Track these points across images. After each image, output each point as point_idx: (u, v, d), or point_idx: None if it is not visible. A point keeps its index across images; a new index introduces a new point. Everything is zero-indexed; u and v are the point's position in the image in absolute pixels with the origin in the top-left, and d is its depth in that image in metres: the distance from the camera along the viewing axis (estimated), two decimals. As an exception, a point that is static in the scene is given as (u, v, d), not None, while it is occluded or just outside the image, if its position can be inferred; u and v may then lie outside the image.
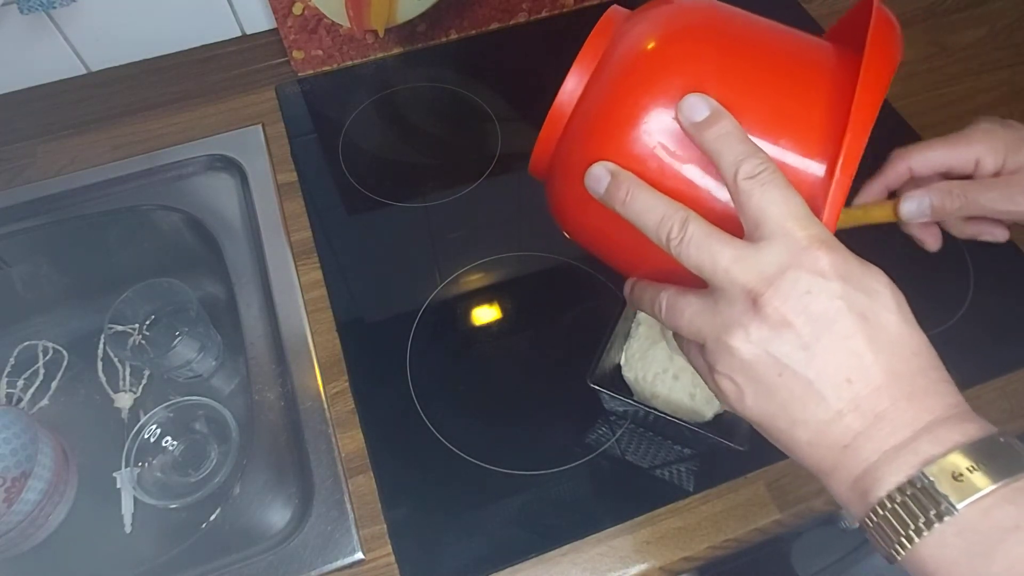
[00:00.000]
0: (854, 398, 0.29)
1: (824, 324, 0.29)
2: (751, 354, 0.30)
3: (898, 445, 0.29)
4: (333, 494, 0.53)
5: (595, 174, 0.33)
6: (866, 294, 0.30)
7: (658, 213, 0.31)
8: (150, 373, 0.72)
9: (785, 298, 0.29)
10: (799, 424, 0.30)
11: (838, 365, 0.29)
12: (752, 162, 0.30)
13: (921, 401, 0.29)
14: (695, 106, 0.31)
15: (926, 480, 0.27)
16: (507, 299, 0.63)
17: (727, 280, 0.30)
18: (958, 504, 0.26)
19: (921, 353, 0.30)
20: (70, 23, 0.70)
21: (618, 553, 0.51)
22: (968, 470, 0.27)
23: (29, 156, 0.72)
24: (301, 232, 0.67)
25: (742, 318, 0.30)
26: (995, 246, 0.63)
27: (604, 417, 0.56)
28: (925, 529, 0.27)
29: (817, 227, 0.30)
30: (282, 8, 0.72)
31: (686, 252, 0.31)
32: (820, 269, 0.29)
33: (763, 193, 0.30)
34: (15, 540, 0.57)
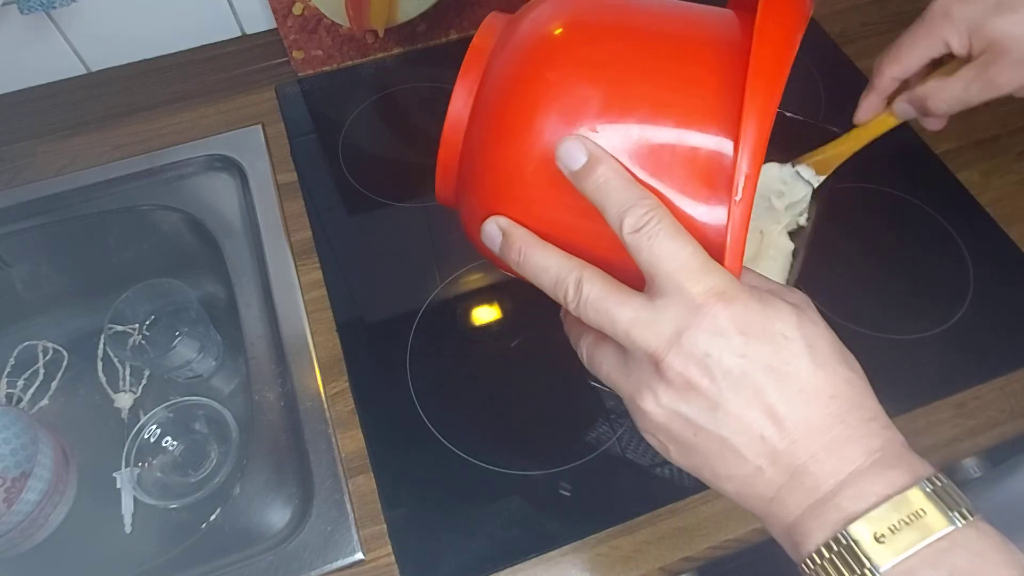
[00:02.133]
0: (771, 453, 0.29)
1: (729, 383, 0.28)
2: (663, 417, 0.30)
3: (820, 500, 0.28)
4: (333, 494, 0.53)
5: (488, 232, 0.32)
6: (772, 343, 0.28)
7: (551, 274, 0.30)
8: (150, 373, 0.72)
9: (686, 362, 0.28)
10: (723, 478, 0.30)
11: (750, 422, 0.29)
12: (636, 213, 0.28)
13: (840, 451, 0.28)
14: (571, 153, 0.29)
15: (848, 540, 0.27)
16: (507, 299, 0.63)
17: (629, 343, 0.29)
18: (880, 567, 0.26)
19: (839, 396, 0.29)
20: (70, 23, 0.70)
21: (618, 553, 0.51)
22: (890, 530, 0.26)
23: (28, 156, 0.72)
24: (301, 232, 0.67)
25: (650, 381, 0.30)
26: (995, 246, 0.64)
27: (605, 416, 0.56)
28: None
29: (714, 277, 0.28)
30: (282, 8, 0.72)
31: (584, 314, 0.30)
32: (718, 327, 0.28)
33: (651, 247, 0.28)
34: (15, 540, 0.57)
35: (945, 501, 0.27)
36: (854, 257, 0.63)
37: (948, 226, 0.64)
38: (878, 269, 0.62)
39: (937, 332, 0.59)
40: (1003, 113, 0.73)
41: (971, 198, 0.66)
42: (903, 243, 0.64)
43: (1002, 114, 0.73)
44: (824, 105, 0.74)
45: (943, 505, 0.27)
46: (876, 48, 0.80)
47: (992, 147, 0.70)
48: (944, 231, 0.64)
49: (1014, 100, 0.52)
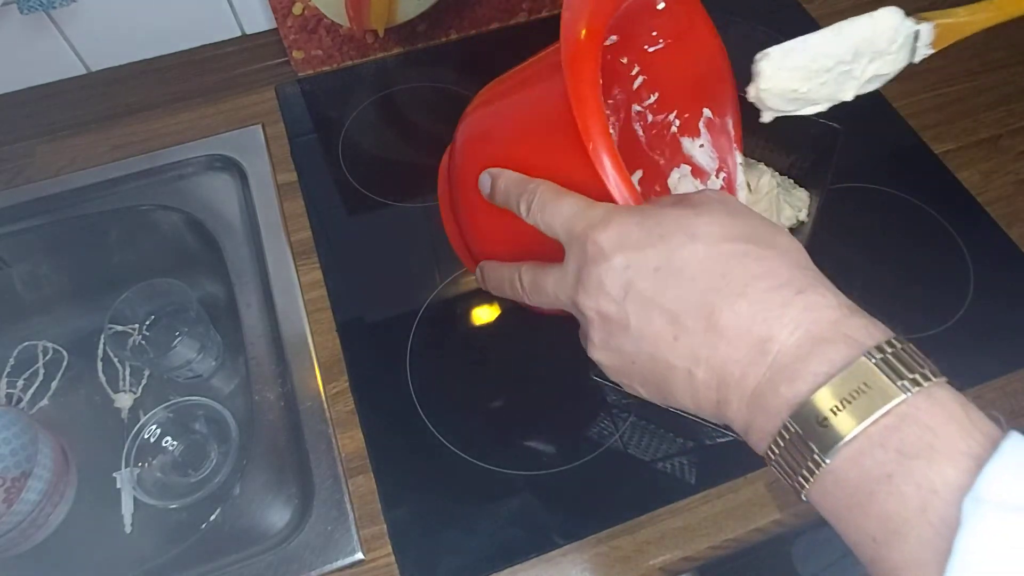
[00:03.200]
0: (689, 353, 0.28)
1: (628, 300, 0.29)
2: (607, 358, 0.31)
3: (757, 390, 0.27)
4: (333, 494, 0.53)
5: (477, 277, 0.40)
6: (652, 247, 0.29)
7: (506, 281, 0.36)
8: (150, 373, 0.72)
9: (589, 296, 0.30)
10: (678, 396, 0.30)
11: (659, 329, 0.28)
12: (525, 197, 0.33)
13: (752, 331, 0.27)
14: (483, 182, 0.36)
15: (792, 429, 0.25)
16: (507, 299, 0.63)
17: (562, 304, 0.33)
18: (827, 456, 0.24)
19: (731, 272, 0.27)
20: (70, 23, 0.70)
21: (618, 553, 0.51)
22: (832, 411, 0.24)
23: (29, 156, 0.72)
24: (301, 232, 0.67)
25: (585, 330, 0.32)
26: (995, 246, 0.64)
27: (606, 414, 0.56)
28: (809, 476, 0.25)
29: (591, 211, 0.30)
30: (282, 8, 0.72)
31: (535, 300, 0.34)
32: (600, 253, 0.29)
33: (543, 215, 0.32)
34: (15, 540, 0.57)
35: (894, 369, 0.24)
36: (854, 257, 0.63)
37: (948, 226, 0.64)
38: (878, 269, 0.62)
39: (937, 332, 0.59)
40: (1003, 113, 0.73)
41: (971, 198, 0.66)
42: (903, 243, 0.64)
43: (1002, 114, 0.73)
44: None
45: (891, 375, 0.24)
46: (876, 48, 0.80)
47: (992, 147, 0.70)
48: (944, 231, 0.64)
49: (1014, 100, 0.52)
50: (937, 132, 0.71)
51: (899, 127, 0.72)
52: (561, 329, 0.61)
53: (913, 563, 0.23)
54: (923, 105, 0.74)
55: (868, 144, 0.70)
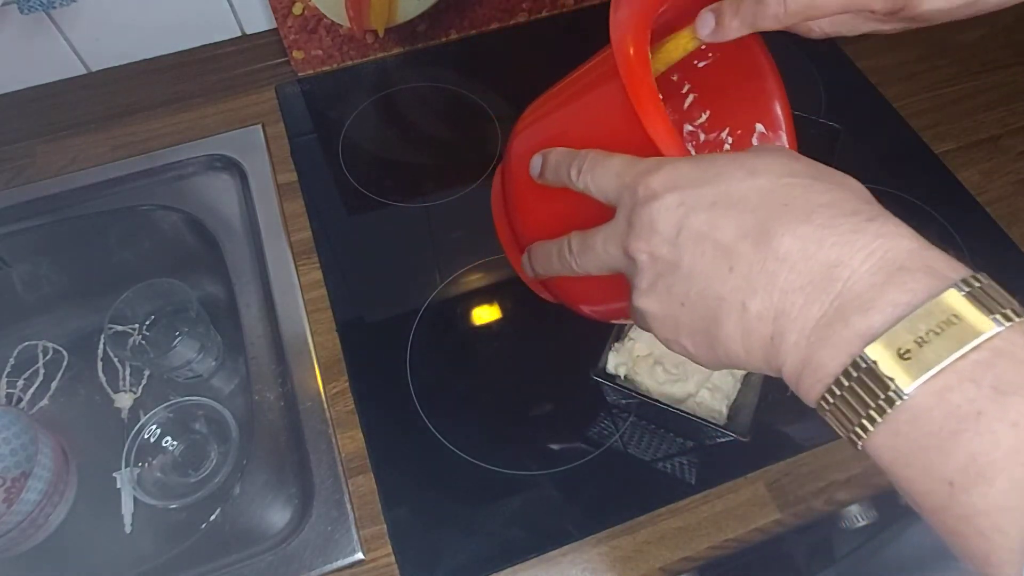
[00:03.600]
0: (746, 282, 0.26)
1: (680, 236, 0.28)
2: (653, 306, 0.30)
3: (823, 320, 0.24)
4: (333, 494, 0.53)
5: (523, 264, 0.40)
6: (707, 184, 0.28)
7: (553, 253, 0.35)
8: (150, 373, 0.72)
9: (639, 237, 0.29)
10: (730, 339, 0.27)
11: (713, 262, 0.27)
12: (576, 163, 0.33)
13: (819, 255, 0.25)
14: (534, 163, 0.36)
15: (867, 361, 0.23)
16: (507, 299, 0.63)
17: (611, 259, 0.32)
18: (906, 388, 0.22)
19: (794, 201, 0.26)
20: (70, 23, 0.70)
21: (618, 553, 0.51)
22: (917, 343, 0.22)
23: (29, 156, 0.72)
24: (301, 232, 0.67)
25: (633, 280, 0.31)
26: (995, 246, 0.64)
27: (607, 414, 0.56)
28: (877, 416, 0.23)
29: (642, 163, 0.30)
30: (282, 8, 0.72)
31: (583, 264, 0.34)
32: (652, 194, 0.29)
33: (592, 178, 0.32)
34: (15, 540, 0.57)
35: (984, 303, 0.22)
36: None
37: (948, 226, 0.64)
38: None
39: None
40: (1003, 113, 0.73)
41: (971, 198, 0.66)
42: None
43: (1002, 114, 0.73)
44: (824, 104, 0.74)
45: (981, 307, 0.22)
46: (876, 48, 0.81)
47: (992, 147, 0.70)
48: (944, 231, 0.64)
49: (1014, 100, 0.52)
50: (937, 132, 0.71)
51: (899, 127, 0.72)
52: (561, 329, 0.62)
53: (998, 508, 0.21)
54: (923, 105, 0.74)
55: (868, 144, 0.70)
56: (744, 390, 0.52)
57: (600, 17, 0.39)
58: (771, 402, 0.50)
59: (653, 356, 0.52)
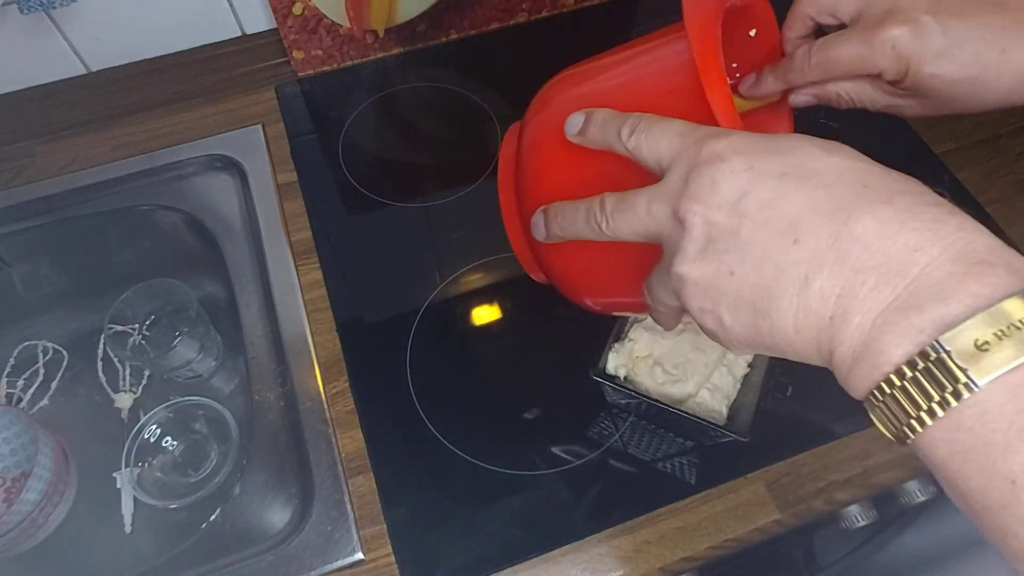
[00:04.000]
0: (812, 256, 0.25)
1: (743, 202, 0.26)
2: (698, 272, 0.28)
3: (895, 304, 0.23)
4: (333, 494, 0.53)
5: (534, 223, 0.36)
6: (779, 154, 0.26)
7: (580, 211, 0.33)
8: (150, 373, 0.72)
9: (695, 199, 0.27)
10: (778, 315, 0.26)
11: (777, 232, 0.25)
12: (628, 124, 0.31)
13: (899, 237, 0.24)
14: (573, 120, 0.34)
15: (941, 351, 0.22)
16: (507, 299, 0.63)
17: (654, 222, 0.29)
18: (980, 380, 0.21)
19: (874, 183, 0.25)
20: (70, 23, 0.70)
21: (618, 553, 0.51)
22: (996, 336, 0.21)
23: (29, 156, 0.72)
24: (301, 232, 0.67)
25: (677, 244, 0.28)
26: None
27: (606, 414, 0.56)
28: (939, 409, 0.22)
29: (706, 128, 0.29)
30: (282, 8, 0.72)
31: (615, 225, 0.31)
32: (716, 155, 0.27)
33: (646, 138, 0.30)
34: (15, 540, 0.57)
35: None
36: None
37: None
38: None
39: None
40: (1003, 113, 0.73)
41: (971, 198, 0.66)
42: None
43: (1002, 114, 0.73)
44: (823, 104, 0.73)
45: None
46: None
47: (992, 147, 0.70)
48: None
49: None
50: (937, 132, 0.71)
51: (899, 127, 0.72)
52: (561, 329, 0.62)
53: None
54: (923, 105, 0.74)
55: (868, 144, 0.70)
56: (744, 390, 0.52)
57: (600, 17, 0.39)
58: (771, 402, 0.50)
59: (652, 357, 0.52)
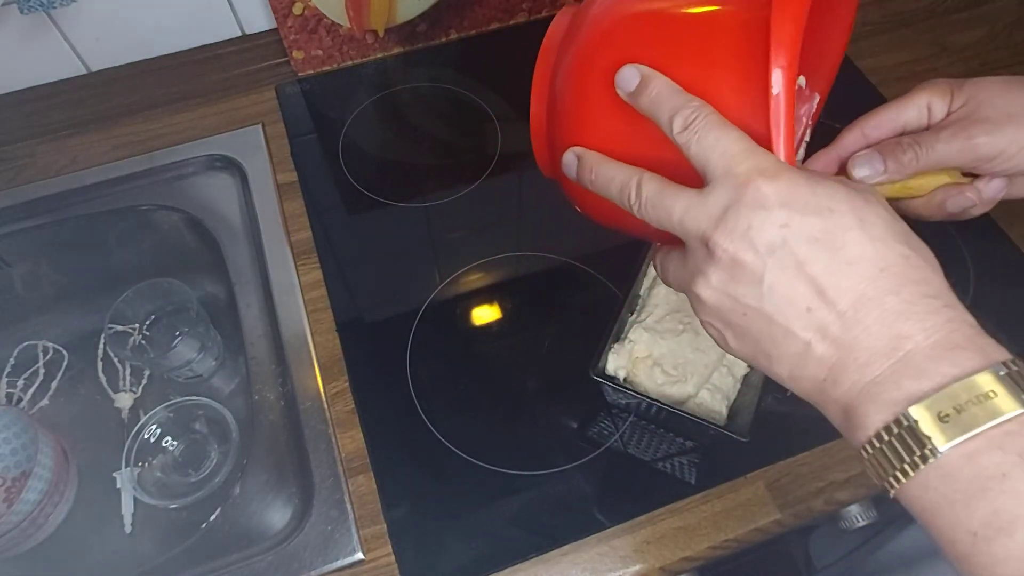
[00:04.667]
0: (819, 327, 0.28)
1: (772, 256, 0.28)
2: (715, 299, 0.31)
3: (878, 378, 0.27)
4: (333, 494, 0.53)
5: (566, 161, 0.36)
6: (817, 215, 0.28)
7: (617, 182, 0.33)
8: (150, 373, 0.72)
9: (731, 238, 0.29)
10: (776, 360, 0.30)
11: (796, 295, 0.28)
12: (683, 114, 0.31)
13: (895, 325, 0.27)
14: (627, 77, 0.33)
15: (909, 420, 0.26)
16: (507, 299, 0.63)
17: (683, 231, 0.31)
18: (941, 448, 0.25)
19: (891, 268, 0.28)
20: (70, 23, 0.70)
21: (618, 553, 0.51)
22: (956, 410, 0.25)
23: (29, 156, 0.72)
24: (301, 232, 0.67)
25: (702, 265, 0.31)
26: (995, 246, 0.64)
27: (606, 414, 0.56)
28: (911, 470, 0.26)
29: (757, 157, 0.29)
30: (282, 8, 0.72)
31: (646, 212, 0.32)
32: (760, 200, 0.29)
33: (699, 141, 0.30)
34: (15, 540, 0.57)
35: (1020, 384, 0.25)
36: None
37: (948, 226, 0.64)
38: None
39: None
40: (1003, 113, 0.73)
41: (971, 198, 0.66)
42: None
43: (1002, 114, 0.72)
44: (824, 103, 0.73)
45: (1017, 388, 0.25)
46: (876, 48, 0.81)
47: (992, 147, 0.70)
48: (944, 231, 0.64)
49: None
50: (937, 132, 0.71)
51: (899, 127, 0.72)
52: (561, 329, 0.62)
53: (1016, 559, 0.24)
54: (923, 105, 0.73)
55: (868, 144, 0.70)
56: (744, 390, 0.52)
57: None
58: (771, 402, 0.50)
59: (652, 358, 0.52)
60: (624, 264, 0.56)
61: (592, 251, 0.65)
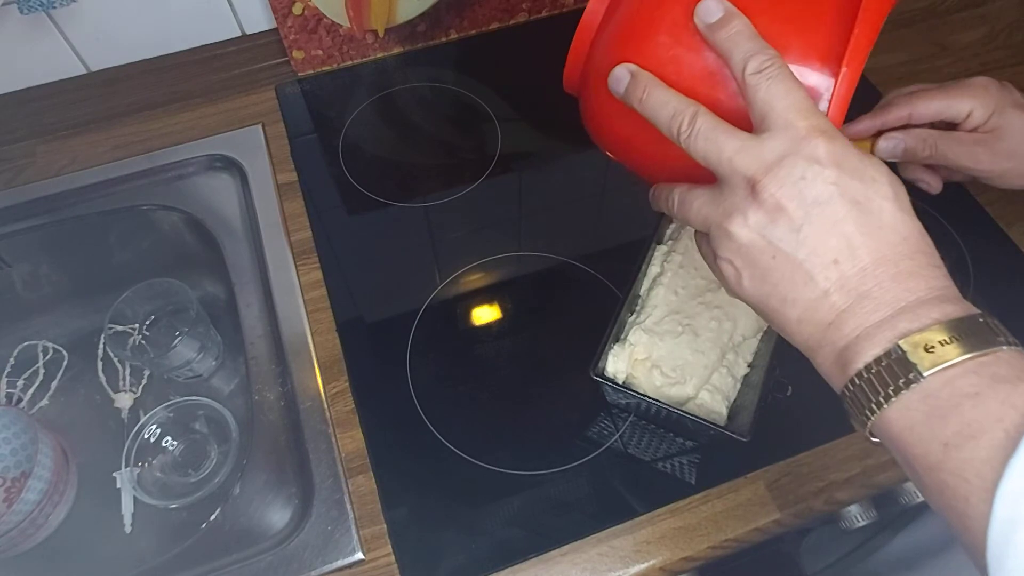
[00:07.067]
0: (840, 278, 0.31)
1: (816, 208, 0.31)
2: (748, 238, 0.32)
3: (879, 322, 0.31)
4: (333, 494, 0.53)
5: (617, 75, 0.36)
6: (861, 181, 0.31)
7: (670, 108, 0.34)
8: (150, 373, 0.72)
9: (781, 184, 0.31)
10: (789, 303, 0.32)
11: (827, 247, 0.31)
12: (759, 58, 0.32)
13: (905, 282, 0.31)
14: (710, 8, 0.34)
15: (900, 351, 0.29)
16: (507, 299, 0.63)
17: (730, 169, 0.32)
18: (925, 372, 0.28)
19: (911, 238, 0.32)
20: (70, 23, 0.70)
21: (618, 553, 0.51)
22: (941, 343, 0.29)
23: (29, 156, 0.72)
24: (301, 232, 0.67)
25: (742, 204, 0.32)
26: (995, 246, 0.64)
27: (606, 414, 0.56)
28: (894, 395, 0.29)
29: (819, 118, 0.32)
30: (282, 8, 0.72)
31: (694, 144, 0.33)
32: (817, 156, 0.31)
33: (768, 87, 0.32)
34: (15, 540, 0.57)
35: (995, 330, 0.29)
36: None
37: (948, 226, 0.64)
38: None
39: (937, 332, 0.59)
40: (1003, 113, 0.73)
41: (971, 198, 0.66)
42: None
43: (1002, 114, 0.72)
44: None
45: (992, 333, 0.29)
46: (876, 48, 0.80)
47: (992, 147, 0.70)
48: (944, 231, 0.64)
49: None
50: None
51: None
52: (561, 329, 0.62)
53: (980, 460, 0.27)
54: (923, 105, 0.73)
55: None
56: (744, 390, 0.52)
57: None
58: (771, 402, 0.50)
59: (651, 360, 0.52)
60: (624, 264, 0.56)
61: (592, 251, 0.65)
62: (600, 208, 0.69)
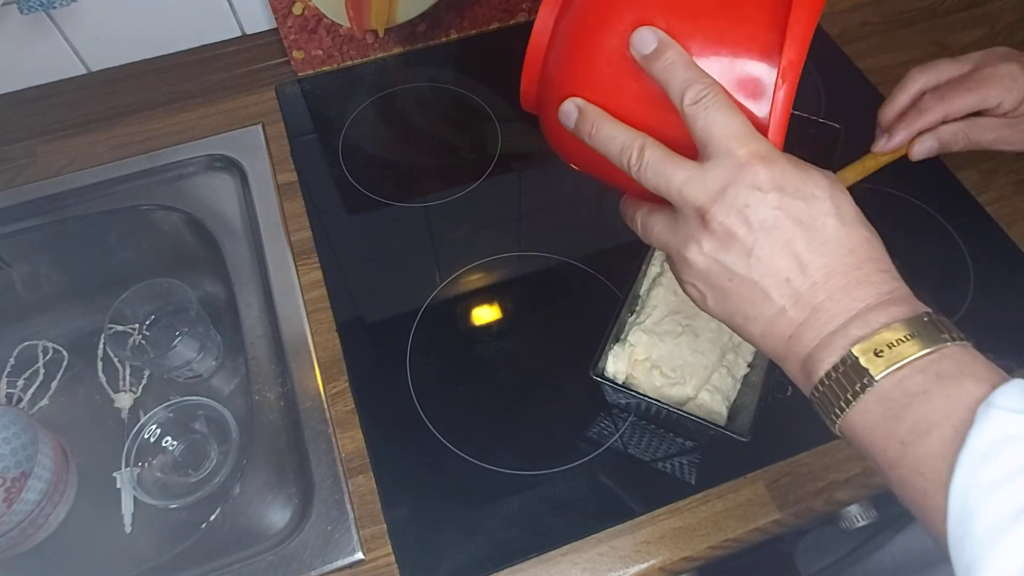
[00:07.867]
0: (794, 294, 0.33)
1: (763, 232, 0.33)
2: (704, 264, 0.34)
3: (833, 331, 0.32)
4: (333, 494, 0.53)
5: (565, 110, 0.37)
6: (803, 200, 0.33)
7: (618, 143, 0.35)
8: (150, 373, 0.72)
9: (728, 212, 0.33)
10: (751, 320, 0.34)
11: (779, 267, 0.33)
12: (695, 88, 0.33)
13: (854, 292, 0.32)
14: (644, 39, 0.34)
15: (853, 357, 0.31)
16: (507, 299, 0.63)
17: (680, 199, 0.34)
18: (877, 376, 0.30)
19: (857, 249, 0.33)
20: (70, 23, 0.70)
21: (618, 553, 0.51)
22: (888, 347, 0.30)
23: (29, 156, 0.72)
24: (301, 232, 0.67)
25: (695, 233, 0.34)
26: (995, 246, 0.64)
27: (606, 414, 0.56)
28: (852, 399, 0.31)
29: (757, 143, 0.33)
30: (282, 8, 0.72)
31: (644, 176, 0.34)
32: (758, 183, 0.32)
33: (706, 116, 0.33)
34: (15, 540, 0.57)
35: (939, 328, 0.31)
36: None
37: (948, 226, 0.64)
38: (878, 269, 0.62)
39: (937, 332, 0.59)
40: (1003, 113, 0.73)
41: (971, 198, 0.66)
42: (903, 243, 0.63)
43: (1002, 114, 0.73)
44: (824, 104, 0.74)
45: (937, 330, 0.31)
46: (876, 48, 0.81)
47: (992, 147, 0.70)
48: (944, 231, 0.64)
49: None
50: (937, 132, 0.71)
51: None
52: (561, 329, 0.62)
53: (933, 455, 0.29)
54: (923, 105, 0.73)
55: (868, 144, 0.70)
56: (744, 390, 0.52)
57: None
58: (771, 402, 0.50)
59: (651, 360, 0.52)
60: (624, 264, 0.56)
61: (592, 251, 0.65)
62: (600, 208, 0.70)
